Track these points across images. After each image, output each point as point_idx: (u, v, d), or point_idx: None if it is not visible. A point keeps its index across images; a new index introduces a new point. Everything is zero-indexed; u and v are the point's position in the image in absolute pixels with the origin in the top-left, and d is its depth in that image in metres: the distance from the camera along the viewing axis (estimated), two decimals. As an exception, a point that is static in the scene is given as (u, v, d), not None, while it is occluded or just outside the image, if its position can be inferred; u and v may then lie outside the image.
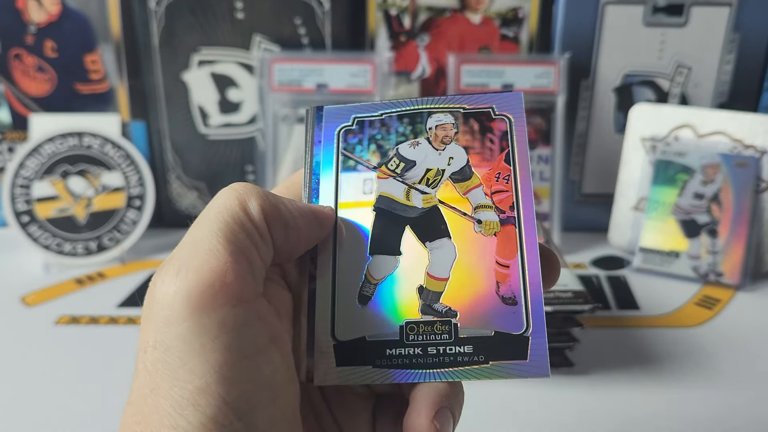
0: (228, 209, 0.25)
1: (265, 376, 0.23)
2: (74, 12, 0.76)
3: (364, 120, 0.31)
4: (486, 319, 0.27)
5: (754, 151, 0.69)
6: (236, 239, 0.24)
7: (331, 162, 0.31)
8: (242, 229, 0.25)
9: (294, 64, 0.75)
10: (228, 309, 0.23)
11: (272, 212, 0.26)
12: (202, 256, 0.23)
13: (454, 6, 0.77)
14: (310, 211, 0.28)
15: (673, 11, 0.74)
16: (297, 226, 0.27)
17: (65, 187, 0.75)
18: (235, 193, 0.26)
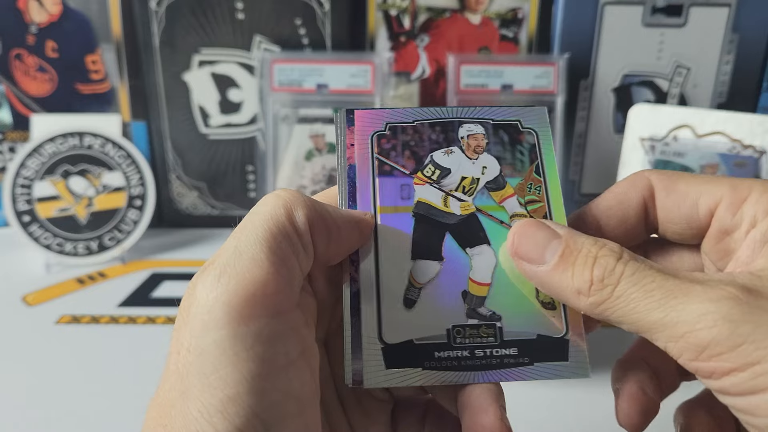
0: (274, 218, 0.25)
1: (295, 388, 0.24)
2: (75, 12, 0.76)
3: (396, 126, 0.32)
4: (528, 322, 0.29)
5: (752, 151, 0.69)
6: (280, 249, 0.24)
7: (367, 166, 0.31)
8: (286, 239, 0.25)
9: (294, 65, 0.75)
10: (266, 320, 0.23)
11: (317, 221, 0.26)
12: (245, 264, 0.23)
13: (454, 6, 0.77)
14: (352, 218, 0.28)
15: (672, 12, 0.74)
16: (339, 236, 0.27)
17: (66, 186, 0.75)
18: (282, 201, 0.26)
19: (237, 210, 0.83)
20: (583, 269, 0.26)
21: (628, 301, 0.24)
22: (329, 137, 0.76)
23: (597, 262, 0.26)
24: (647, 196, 0.30)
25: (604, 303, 0.25)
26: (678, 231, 0.30)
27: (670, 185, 0.29)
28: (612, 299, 0.25)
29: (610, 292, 0.25)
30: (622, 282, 0.25)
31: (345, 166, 0.31)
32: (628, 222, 0.30)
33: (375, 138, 0.31)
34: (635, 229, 0.30)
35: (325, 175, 0.77)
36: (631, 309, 0.24)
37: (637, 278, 0.25)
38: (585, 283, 0.26)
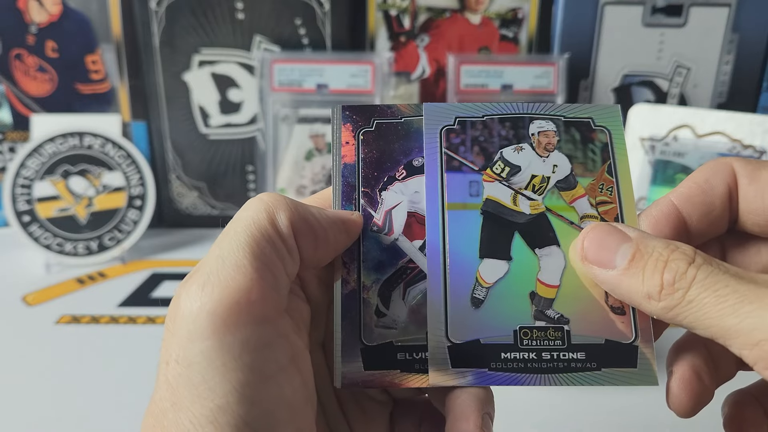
0: (256, 222, 0.25)
1: (285, 395, 0.24)
2: (75, 12, 0.76)
3: (466, 120, 0.31)
4: (597, 327, 0.28)
5: (752, 151, 0.69)
6: (263, 254, 0.24)
7: (436, 161, 0.30)
8: (270, 244, 0.24)
9: (294, 65, 0.75)
10: (252, 328, 0.23)
11: (301, 225, 0.26)
12: (229, 271, 0.23)
13: (454, 6, 0.77)
14: (338, 219, 0.28)
15: (672, 12, 0.74)
16: (326, 237, 0.27)
17: (66, 186, 0.75)
18: (264, 205, 0.26)
19: (237, 210, 0.83)
20: (653, 273, 0.25)
21: (700, 306, 0.24)
22: (329, 137, 0.76)
23: (668, 266, 0.25)
24: (731, 184, 0.29)
25: (675, 308, 0.25)
26: (759, 222, 0.29)
27: (753, 173, 0.28)
28: (683, 304, 0.24)
29: (682, 296, 0.24)
30: (694, 286, 0.24)
31: (339, 165, 0.30)
32: (713, 213, 0.29)
33: (444, 132, 0.30)
34: (720, 220, 0.29)
35: (325, 175, 0.77)
36: (704, 314, 0.24)
37: (710, 282, 0.24)
38: (655, 287, 0.25)
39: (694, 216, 0.29)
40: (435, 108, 0.31)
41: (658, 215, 0.29)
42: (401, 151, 0.30)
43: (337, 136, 0.31)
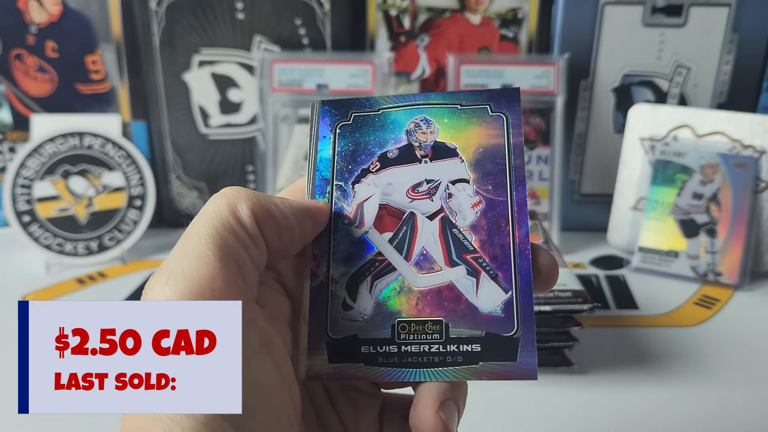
0: (217, 214, 0.25)
1: (257, 380, 0.24)
2: (75, 12, 0.76)
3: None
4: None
5: (752, 151, 0.69)
6: (226, 244, 0.24)
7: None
8: (232, 234, 0.25)
9: (294, 65, 0.75)
10: None
11: (263, 214, 0.26)
12: (192, 263, 0.23)
13: (454, 6, 0.77)
14: (302, 207, 0.28)
15: (672, 11, 0.74)
16: (290, 225, 0.27)
17: (66, 187, 0.75)
18: (225, 198, 0.26)
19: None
20: None
21: None
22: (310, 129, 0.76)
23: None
24: None
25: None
26: None
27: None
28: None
29: None
30: None
31: (315, 159, 0.30)
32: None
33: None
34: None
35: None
36: None
37: None
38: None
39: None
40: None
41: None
42: (377, 143, 0.31)
43: (315, 130, 0.31)
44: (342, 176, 0.30)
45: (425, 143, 0.30)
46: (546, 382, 0.53)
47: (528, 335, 0.27)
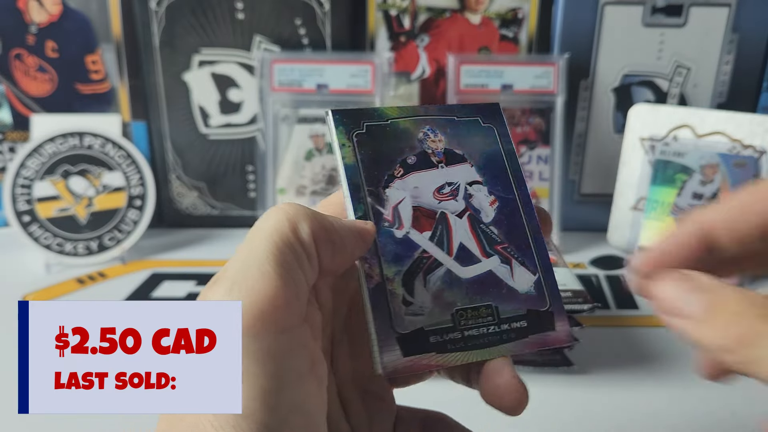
0: (279, 231, 0.25)
1: (303, 403, 0.24)
2: (75, 12, 0.76)
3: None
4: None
5: (752, 151, 0.69)
6: (286, 262, 0.24)
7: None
8: (292, 252, 0.25)
9: (294, 65, 0.75)
10: (276, 335, 0.23)
11: (321, 234, 0.26)
12: (255, 278, 0.23)
13: (454, 6, 0.77)
14: (354, 228, 0.28)
15: (672, 12, 0.74)
16: (343, 245, 0.27)
17: (66, 187, 0.75)
18: (286, 214, 0.26)
19: (237, 210, 0.83)
20: (728, 326, 0.25)
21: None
22: (329, 137, 0.76)
23: (741, 322, 0.25)
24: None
25: (751, 364, 0.25)
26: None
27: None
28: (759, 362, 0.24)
29: (758, 355, 0.24)
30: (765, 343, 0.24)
31: (342, 166, 0.31)
32: (747, 240, 0.29)
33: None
34: (754, 248, 0.29)
35: (325, 175, 0.77)
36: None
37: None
38: (732, 340, 0.25)
39: (724, 241, 0.29)
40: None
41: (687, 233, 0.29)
42: (394, 151, 0.32)
43: (334, 138, 0.32)
44: (372, 182, 0.31)
45: (437, 150, 0.33)
46: (546, 382, 0.53)
47: (558, 307, 0.32)
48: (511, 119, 0.77)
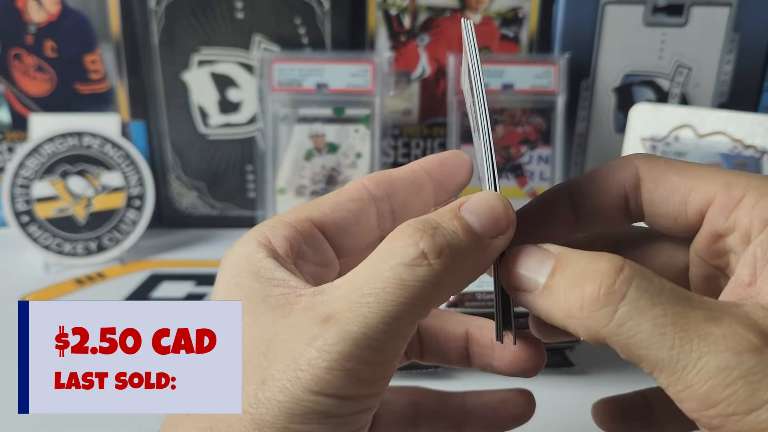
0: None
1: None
2: (74, 12, 0.76)
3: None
4: None
5: (754, 151, 0.69)
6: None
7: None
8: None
9: (294, 64, 0.75)
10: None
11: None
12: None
13: (454, 6, 0.77)
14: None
15: (673, 11, 0.74)
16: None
17: (65, 187, 0.75)
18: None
19: (236, 210, 0.83)
20: (573, 287, 0.23)
21: (634, 332, 0.21)
22: (329, 137, 0.76)
23: (590, 277, 0.22)
24: (629, 187, 0.27)
25: (602, 329, 0.22)
26: (666, 226, 0.27)
27: (659, 176, 0.27)
28: (613, 326, 0.22)
29: (610, 316, 0.22)
30: (625, 307, 0.21)
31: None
32: (603, 211, 0.28)
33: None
34: (612, 219, 0.28)
35: (325, 175, 0.77)
36: (636, 342, 0.21)
37: (645, 306, 0.21)
38: (575, 303, 0.22)
39: (585, 210, 0.28)
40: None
41: (548, 202, 0.28)
42: None
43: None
44: None
45: None
46: (547, 382, 0.52)
47: None
48: (512, 119, 0.77)
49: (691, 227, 0.27)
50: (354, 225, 0.27)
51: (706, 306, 0.22)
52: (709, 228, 0.26)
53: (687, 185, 0.26)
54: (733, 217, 0.25)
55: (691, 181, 0.26)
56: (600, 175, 0.28)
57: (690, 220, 0.26)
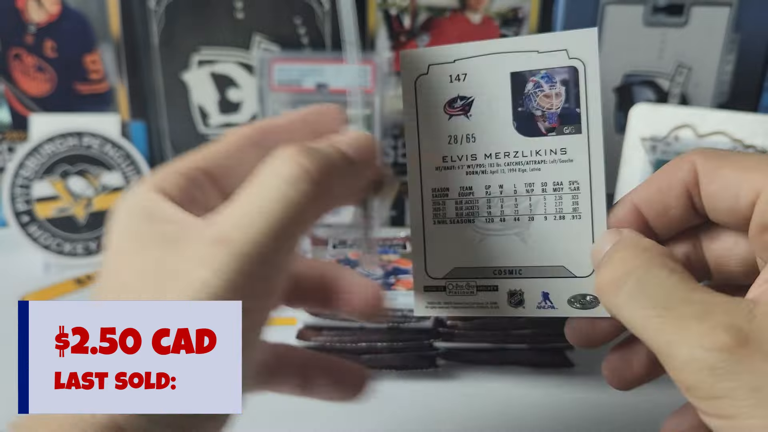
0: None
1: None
2: (74, 12, 0.76)
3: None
4: None
5: (753, 151, 0.69)
6: None
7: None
8: None
9: (294, 64, 0.75)
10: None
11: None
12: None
13: (454, 6, 0.77)
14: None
15: (674, 11, 0.74)
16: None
17: (65, 187, 0.75)
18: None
19: (236, 210, 0.83)
20: (602, 269, 0.27)
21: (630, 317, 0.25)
22: (329, 137, 0.76)
23: (610, 264, 0.27)
24: (690, 183, 0.28)
25: (612, 309, 0.26)
26: (724, 220, 0.28)
27: (714, 171, 0.28)
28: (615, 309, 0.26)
29: (615, 299, 0.26)
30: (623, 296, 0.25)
31: None
32: (671, 212, 0.29)
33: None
34: (681, 217, 0.29)
35: (325, 175, 0.77)
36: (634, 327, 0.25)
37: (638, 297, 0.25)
38: (600, 282, 0.27)
39: (651, 215, 0.29)
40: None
41: (621, 215, 0.30)
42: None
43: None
44: None
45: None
46: (547, 383, 0.52)
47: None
48: (512, 119, 0.77)
49: (746, 220, 0.27)
50: (238, 168, 0.28)
51: (703, 302, 0.24)
52: (758, 220, 0.27)
53: (739, 178, 0.27)
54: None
55: (742, 173, 0.27)
56: (660, 179, 0.30)
57: (744, 213, 0.27)
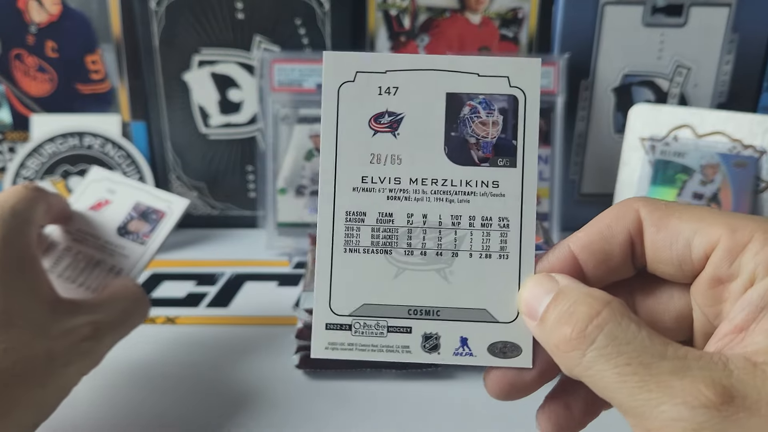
0: None
1: None
2: (75, 12, 0.76)
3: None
4: None
5: (753, 151, 0.69)
6: None
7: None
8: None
9: (294, 65, 0.75)
10: None
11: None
12: None
13: (454, 6, 0.77)
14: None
15: (673, 11, 0.74)
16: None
17: (66, 187, 0.75)
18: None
19: (237, 210, 0.83)
20: (557, 325, 0.25)
21: (600, 377, 0.23)
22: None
23: (567, 319, 0.24)
24: (634, 231, 0.27)
25: (575, 369, 0.24)
26: (668, 272, 0.27)
27: (661, 220, 0.27)
28: (581, 368, 0.24)
29: (580, 358, 0.24)
30: (592, 352, 0.23)
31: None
32: (612, 260, 0.28)
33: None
34: (620, 267, 0.28)
35: (325, 175, 0.77)
36: (603, 386, 0.23)
37: (611, 354, 0.23)
38: (559, 340, 0.24)
39: (590, 263, 0.28)
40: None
41: (555, 262, 0.29)
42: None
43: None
44: None
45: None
46: (546, 382, 0.52)
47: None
48: (511, 119, 0.77)
49: (695, 272, 0.26)
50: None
51: (678, 357, 0.23)
52: (711, 273, 0.26)
53: (691, 228, 0.26)
54: (737, 263, 0.25)
55: (695, 223, 0.26)
56: (602, 225, 0.28)
57: (694, 265, 0.26)
